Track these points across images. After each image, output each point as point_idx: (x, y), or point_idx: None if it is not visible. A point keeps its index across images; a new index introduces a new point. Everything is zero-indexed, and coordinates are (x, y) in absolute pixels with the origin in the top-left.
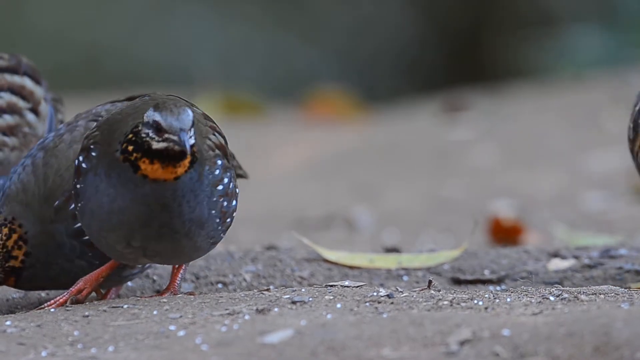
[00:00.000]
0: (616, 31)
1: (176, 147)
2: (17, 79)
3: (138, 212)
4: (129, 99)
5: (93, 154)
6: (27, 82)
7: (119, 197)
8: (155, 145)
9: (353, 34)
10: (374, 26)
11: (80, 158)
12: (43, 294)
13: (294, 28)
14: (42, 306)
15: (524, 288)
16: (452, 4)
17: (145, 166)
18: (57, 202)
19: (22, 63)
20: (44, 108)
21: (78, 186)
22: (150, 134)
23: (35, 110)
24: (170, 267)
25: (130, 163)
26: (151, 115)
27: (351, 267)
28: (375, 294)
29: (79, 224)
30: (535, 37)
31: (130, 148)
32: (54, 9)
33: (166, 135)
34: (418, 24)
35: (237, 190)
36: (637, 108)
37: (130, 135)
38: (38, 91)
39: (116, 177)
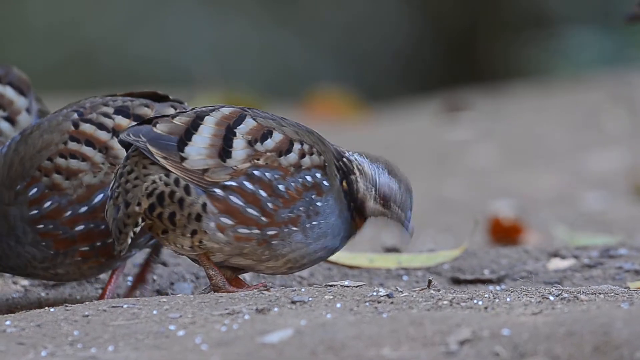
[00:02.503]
0: (615, 32)
1: (400, 223)
2: None
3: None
4: (129, 94)
5: (329, 173)
6: (8, 92)
7: (340, 228)
8: (371, 204)
9: (350, 32)
10: (371, 25)
11: (319, 175)
12: (43, 294)
13: (290, 26)
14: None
15: (524, 288)
16: (450, 3)
17: (356, 221)
18: (18, 187)
19: (10, 73)
20: (25, 118)
21: (319, 204)
22: (372, 192)
23: (11, 120)
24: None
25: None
26: (386, 180)
27: (351, 267)
28: (375, 293)
29: (34, 211)
30: (534, 37)
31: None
32: (48, 6)
33: (392, 206)
34: (415, 23)
35: None
36: None
37: (345, 184)
38: (20, 102)
39: (339, 210)
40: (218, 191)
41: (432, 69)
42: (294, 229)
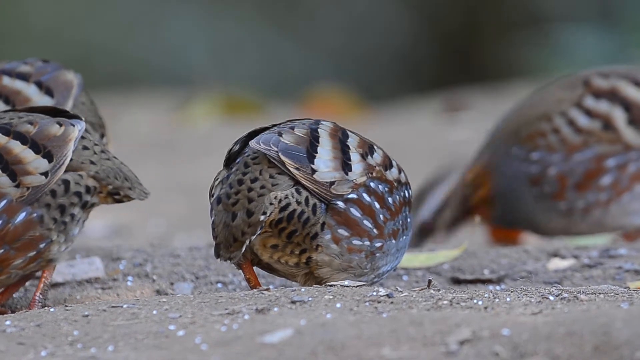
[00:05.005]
0: (614, 31)
1: None
2: (17, 84)
3: None
4: (29, 109)
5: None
6: (31, 90)
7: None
8: None
9: (349, 32)
10: (371, 25)
11: (410, 192)
12: None
13: (289, 27)
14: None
15: (524, 288)
16: (449, 3)
17: None
18: None
19: (47, 73)
20: None
21: (409, 220)
22: None
23: None
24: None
25: None
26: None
27: None
28: (374, 293)
29: None
30: (534, 37)
31: None
32: (47, 8)
33: None
34: (412, 23)
35: None
36: None
37: None
38: (40, 101)
39: None
40: (340, 204)
41: (431, 69)
42: (394, 241)
